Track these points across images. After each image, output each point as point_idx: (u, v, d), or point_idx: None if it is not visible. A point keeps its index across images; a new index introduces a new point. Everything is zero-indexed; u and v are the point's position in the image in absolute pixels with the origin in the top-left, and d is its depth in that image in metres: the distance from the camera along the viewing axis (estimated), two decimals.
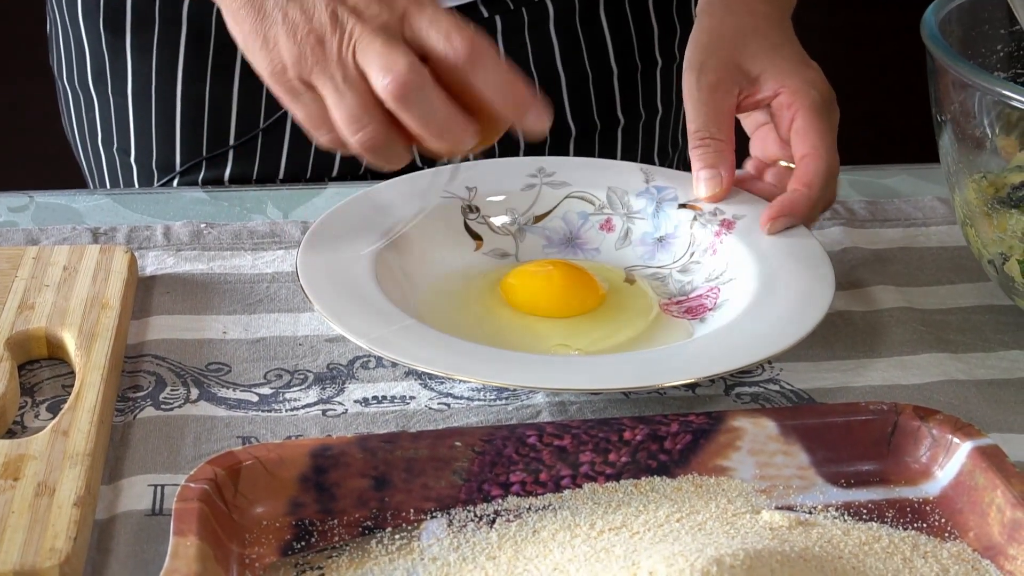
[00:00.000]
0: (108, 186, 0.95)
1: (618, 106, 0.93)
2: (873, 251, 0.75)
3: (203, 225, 0.75)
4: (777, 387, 0.64)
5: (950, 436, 0.56)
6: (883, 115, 1.80)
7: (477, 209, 0.73)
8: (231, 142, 0.89)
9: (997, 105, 0.65)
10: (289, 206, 0.79)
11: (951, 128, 0.67)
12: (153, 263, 0.72)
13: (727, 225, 0.71)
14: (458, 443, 0.56)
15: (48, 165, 1.28)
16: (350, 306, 0.63)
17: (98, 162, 0.96)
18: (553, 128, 0.90)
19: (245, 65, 0.87)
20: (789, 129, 0.71)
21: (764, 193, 0.72)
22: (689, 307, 0.68)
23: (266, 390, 0.62)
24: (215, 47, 0.88)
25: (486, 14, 0.87)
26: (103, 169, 0.96)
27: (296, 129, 0.89)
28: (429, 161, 0.88)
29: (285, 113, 0.88)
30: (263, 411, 0.61)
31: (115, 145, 0.93)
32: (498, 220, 0.73)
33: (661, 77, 0.95)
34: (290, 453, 0.54)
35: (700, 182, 0.71)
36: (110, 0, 0.89)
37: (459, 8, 0.86)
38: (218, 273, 0.71)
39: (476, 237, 0.72)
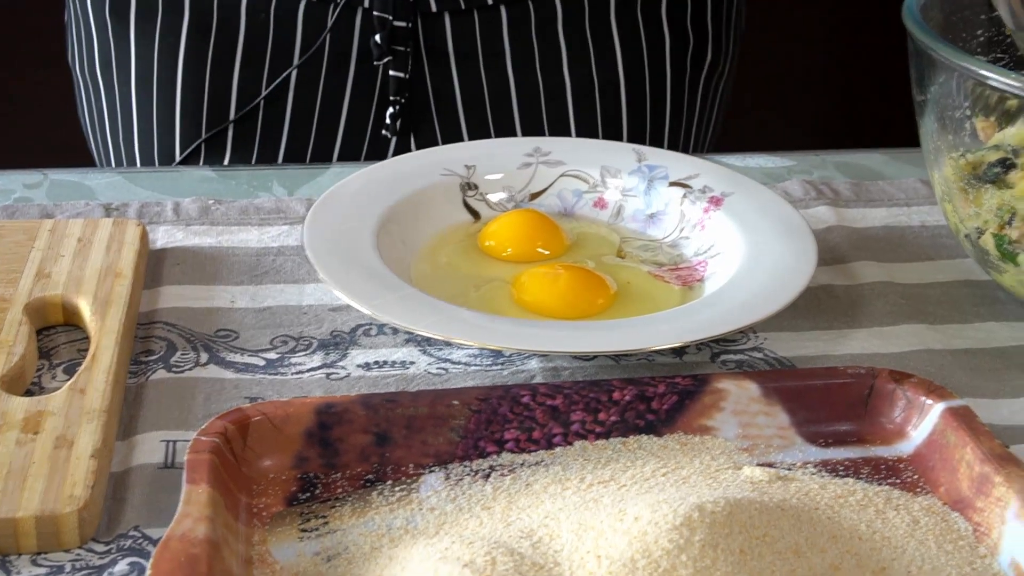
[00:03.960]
0: None
1: (624, 118, 0.94)
2: (857, 229, 0.78)
3: (211, 202, 0.78)
4: (761, 355, 0.66)
5: (923, 398, 0.59)
6: (869, 102, 1.83)
7: (475, 186, 0.76)
8: (229, 134, 0.91)
9: (977, 87, 0.68)
10: (294, 184, 0.81)
11: (931, 109, 0.70)
12: (163, 237, 0.75)
13: (715, 202, 0.74)
14: (456, 402, 0.58)
15: (59, 154, 1.31)
16: (353, 276, 0.66)
17: (106, 153, 0.99)
18: (556, 136, 0.91)
19: (245, 55, 0.90)
20: None
21: None
22: (679, 275, 0.70)
23: (272, 355, 0.65)
24: (216, 37, 0.90)
25: (490, 1, 0.89)
26: (111, 160, 0.98)
27: (296, 114, 0.91)
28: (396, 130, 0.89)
29: (285, 98, 0.91)
30: (269, 374, 0.64)
31: (120, 135, 0.96)
32: (495, 197, 0.76)
33: (671, 90, 0.95)
34: (296, 410, 0.57)
35: None
36: None
37: None
38: (226, 247, 0.74)
39: (474, 213, 0.75)
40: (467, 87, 0.90)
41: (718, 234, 0.72)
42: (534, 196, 0.76)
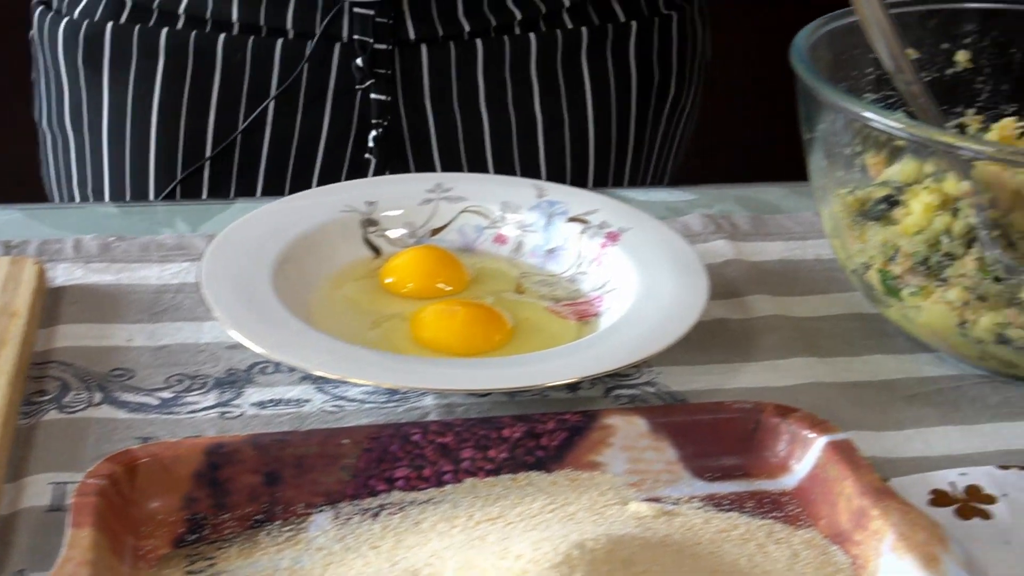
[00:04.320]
0: None
1: (591, 153, 0.95)
2: (754, 263, 0.79)
3: (112, 238, 0.78)
4: (654, 389, 0.67)
5: (807, 432, 0.60)
6: (770, 137, 1.86)
7: (376, 223, 0.76)
8: (206, 174, 0.91)
9: (864, 128, 0.69)
10: (198, 220, 0.81)
11: (819, 147, 0.71)
12: (63, 274, 0.74)
13: (612, 237, 0.75)
14: (346, 440, 0.59)
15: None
16: (249, 313, 0.66)
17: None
18: (526, 173, 0.93)
19: (221, 97, 0.90)
20: None
21: None
22: (576, 310, 0.71)
23: (167, 394, 0.65)
24: (191, 80, 0.89)
25: (468, 28, 0.89)
26: None
27: (272, 152, 0.91)
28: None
29: (261, 135, 0.90)
30: (163, 414, 0.64)
31: (89, 186, 0.95)
32: (395, 233, 0.76)
33: (635, 125, 0.96)
34: (185, 451, 0.57)
35: None
36: (89, 34, 0.91)
37: (442, 21, 0.88)
38: (125, 284, 0.74)
39: (375, 249, 0.76)
40: (442, 126, 0.92)
41: (614, 269, 0.73)
42: (435, 232, 0.77)
